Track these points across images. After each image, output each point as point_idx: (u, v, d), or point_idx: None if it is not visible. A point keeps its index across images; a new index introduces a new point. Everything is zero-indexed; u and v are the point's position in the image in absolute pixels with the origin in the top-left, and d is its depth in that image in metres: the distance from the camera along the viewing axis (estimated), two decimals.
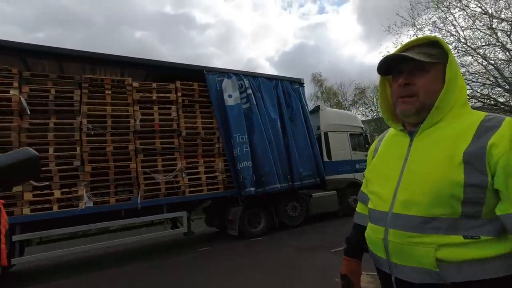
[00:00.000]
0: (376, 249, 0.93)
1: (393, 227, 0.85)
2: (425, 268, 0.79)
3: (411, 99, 0.86)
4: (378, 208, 0.92)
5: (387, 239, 0.86)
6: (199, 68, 6.95)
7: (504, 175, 0.73)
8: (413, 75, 0.86)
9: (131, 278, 4.75)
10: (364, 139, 9.45)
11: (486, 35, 8.87)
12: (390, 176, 0.90)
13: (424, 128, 0.86)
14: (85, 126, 5.40)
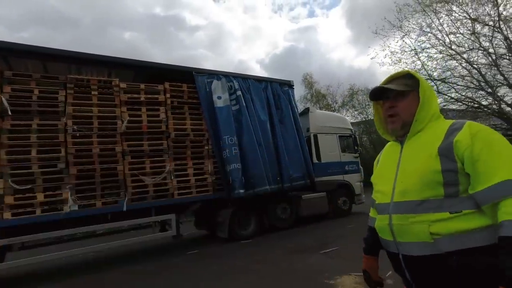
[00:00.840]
0: (384, 234, 1.16)
1: (395, 213, 1.08)
2: (423, 242, 0.99)
3: (395, 118, 1.17)
4: (382, 201, 1.17)
5: (392, 223, 1.09)
6: (188, 69, 6.90)
7: (471, 162, 0.97)
8: (395, 100, 1.17)
9: (118, 283, 4.64)
10: (353, 141, 9.56)
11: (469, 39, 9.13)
12: (388, 176, 1.16)
13: (410, 137, 1.15)
14: (70, 127, 5.26)
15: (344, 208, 8.80)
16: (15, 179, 4.76)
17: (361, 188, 9.33)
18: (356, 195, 9.15)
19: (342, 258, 4.76)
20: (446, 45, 9.38)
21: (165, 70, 6.74)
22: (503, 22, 8.38)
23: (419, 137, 1.12)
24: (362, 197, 9.36)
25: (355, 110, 23.79)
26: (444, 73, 9.90)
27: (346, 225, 7.45)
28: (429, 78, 9.96)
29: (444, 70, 9.87)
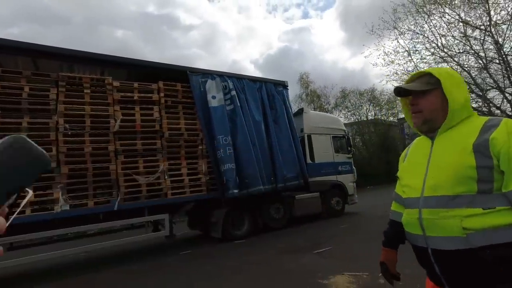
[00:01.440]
0: (412, 228, 1.15)
1: (426, 207, 1.09)
2: (455, 236, 1.00)
3: (418, 115, 1.18)
4: (411, 196, 1.17)
5: (422, 218, 1.09)
6: (182, 68, 6.86)
7: (507, 159, 0.97)
8: (417, 97, 1.18)
9: (110, 283, 4.59)
10: (347, 142, 9.63)
11: (461, 42, 9.29)
12: (418, 171, 1.16)
13: (441, 132, 1.15)
14: (62, 126, 5.18)
15: (337, 208, 8.86)
16: None
17: (354, 188, 9.41)
18: (349, 196, 9.23)
19: (335, 258, 4.79)
20: (438, 47, 9.53)
21: (159, 69, 6.69)
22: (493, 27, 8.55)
23: (451, 133, 1.13)
24: (355, 197, 9.44)
25: (348, 111, 24.01)
26: None
27: (339, 225, 7.50)
28: None
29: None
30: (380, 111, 23.50)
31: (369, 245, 5.38)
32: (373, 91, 23.27)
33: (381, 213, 8.65)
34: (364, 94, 23.54)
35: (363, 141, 23.32)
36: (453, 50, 9.40)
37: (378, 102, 23.15)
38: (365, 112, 23.73)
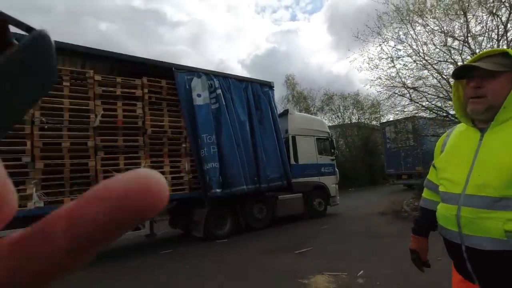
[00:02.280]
0: (448, 224, 1.11)
1: (466, 205, 1.04)
2: (495, 238, 0.96)
3: (480, 100, 1.04)
4: (450, 190, 1.11)
5: (460, 215, 1.05)
6: (168, 65, 6.74)
7: None
8: (483, 80, 1.04)
9: (88, 281, 4.43)
10: (330, 144, 9.77)
11: (441, 51, 9.62)
12: (462, 165, 1.08)
13: (494, 126, 1.03)
14: (38, 119, 4.97)
15: (319, 209, 8.96)
16: None
17: (336, 190, 9.56)
18: (332, 197, 9.36)
19: (316, 258, 4.84)
20: (420, 55, 9.83)
21: (143, 65, 6.54)
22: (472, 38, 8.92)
23: (506, 127, 1.00)
24: (337, 199, 9.59)
25: (332, 113, 24.39)
26: (417, 81, 10.36)
27: (321, 226, 7.59)
28: (403, 86, 10.38)
29: (416, 78, 10.32)
30: (363, 114, 24.06)
31: (349, 246, 5.48)
32: (357, 95, 23.81)
33: (361, 214, 8.84)
34: (347, 98, 24.04)
35: (347, 144, 23.74)
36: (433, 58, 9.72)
37: (362, 106, 23.70)
38: (349, 115, 24.23)
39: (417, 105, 10.55)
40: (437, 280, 3.13)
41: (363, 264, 4.23)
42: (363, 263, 4.26)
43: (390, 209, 8.99)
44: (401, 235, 5.81)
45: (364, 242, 5.64)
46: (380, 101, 12.28)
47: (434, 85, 9.88)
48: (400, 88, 10.55)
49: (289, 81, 24.23)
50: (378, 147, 22.21)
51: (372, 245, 5.38)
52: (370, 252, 4.93)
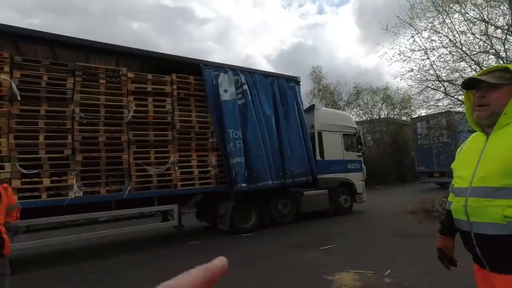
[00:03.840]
0: (458, 214, 1.27)
1: (472, 196, 1.20)
2: (496, 223, 1.11)
3: (484, 108, 1.24)
4: (460, 185, 1.29)
5: (467, 205, 1.21)
6: (196, 61, 6.90)
7: None
8: (487, 91, 1.23)
9: (120, 269, 4.74)
10: (357, 140, 9.53)
11: (481, 41, 8.97)
12: (470, 163, 1.26)
13: (496, 129, 1.22)
14: (78, 114, 5.31)
15: (345, 206, 8.82)
16: (22, 164, 4.84)
17: (363, 187, 9.34)
18: (358, 194, 9.17)
19: (341, 255, 4.80)
20: (457, 46, 9.24)
21: (172, 62, 6.76)
22: None
23: (506, 130, 1.19)
24: (364, 196, 9.37)
25: (360, 109, 23.63)
26: (452, 74, 9.75)
27: (347, 223, 7.48)
28: (437, 79, 9.83)
29: (452, 71, 9.72)
30: (393, 110, 23.09)
31: (376, 244, 5.36)
32: (386, 89, 22.86)
33: (389, 213, 8.58)
34: (377, 92, 23.14)
35: (374, 140, 22.99)
36: (472, 49, 9.09)
37: (392, 101, 22.74)
38: (378, 111, 23.36)
39: (452, 99, 9.97)
40: (468, 284, 3.00)
41: (390, 263, 4.14)
42: (390, 263, 4.17)
43: (420, 208, 8.64)
44: (432, 235, 5.56)
45: (391, 241, 5.50)
46: (411, 96, 11.70)
47: None
48: (433, 82, 10.01)
49: (315, 74, 23.68)
50: (408, 143, 21.28)
51: (400, 244, 5.23)
52: (398, 251, 4.80)
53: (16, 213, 2.62)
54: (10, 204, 2.47)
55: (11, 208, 2.50)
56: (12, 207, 2.52)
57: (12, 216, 2.54)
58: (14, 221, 2.58)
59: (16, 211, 2.62)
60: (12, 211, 2.53)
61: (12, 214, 2.54)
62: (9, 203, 2.46)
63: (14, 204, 2.57)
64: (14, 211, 2.58)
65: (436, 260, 1.54)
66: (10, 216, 2.49)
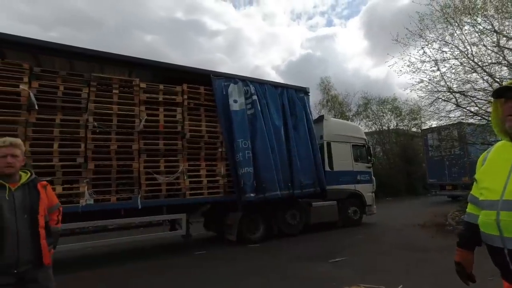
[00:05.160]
0: (489, 229, 1.19)
1: (504, 210, 1.13)
2: None
3: None
4: (489, 198, 1.21)
5: (499, 219, 1.13)
6: (206, 72, 7.02)
7: None
8: None
9: (127, 278, 4.74)
10: (367, 151, 9.45)
11: (493, 52, 8.87)
12: (499, 174, 1.19)
13: None
14: (91, 123, 5.45)
15: (354, 218, 8.68)
16: (36, 171, 4.93)
17: (372, 198, 9.19)
18: (368, 206, 9.02)
19: (351, 268, 4.70)
20: (468, 57, 9.16)
21: (183, 72, 6.90)
22: None
23: None
24: (374, 208, 9.22)
25: (369, 120, 23.47)
26: (464, 85, 9.64)
27: (356, 235, 7.35)
28: (448, 90, 9.73)
29: (464, 82, 9.61)
30: (402, 121, 22.86)
31: (386, 258, 5.24)
32: (394, 100, 22.69)
33: (400, 226, 8.40)
34: (385, 103, 22.98)
35: (384, 151, 22.72)
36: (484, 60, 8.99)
37: (400, 112, 22.54)
38: (387, 122, 23.15)
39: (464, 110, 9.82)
40: None
41: (402, 278, 4.03)
42: (401, 278, 4.06)
43: (432, 221, 8.43)
44: (444, 250, 5.43)
45: (402, 255, 5.37)
46: (421, 107, 11.58)
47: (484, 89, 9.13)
48: (444, 93, 9.90)
49: (323, 84, 23.73)
50: (419, 155, 20.94)
51: (411, 258, 5.10)
52: (409, 266, 4.67)
53: (57, 215, 2.21)
54: (50, 204, 2.10)
55: (51, 209, 2.13)
56: (52, 208, 2.14)
57: (52, 219, 2.14)
58: (55, 226, 2.17)
59: (57, 213, 2.21)
60: (52, 213, 2.15)
61: (52, 216, 2.15)
62: (50, 204, 2.09)
63: (55, 205, 2.17)
64: (55, 213, 2.18)
65: (449, 276, 1.48)
66: (50, 219, 2.11)
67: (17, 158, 1.89)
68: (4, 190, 1.83)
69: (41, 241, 1.89)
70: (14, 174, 1.89)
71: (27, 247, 1.82)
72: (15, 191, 1.86)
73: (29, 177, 1.97)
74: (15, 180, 1.90)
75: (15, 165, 1.87)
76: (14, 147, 1.90)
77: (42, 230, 1.91)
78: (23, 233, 1.81)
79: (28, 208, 1.86)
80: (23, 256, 1.80)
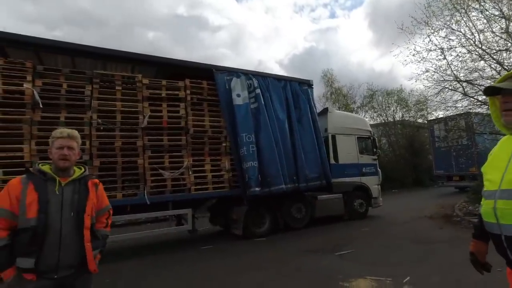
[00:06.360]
0: (488, 217, 1.28)
1: (501, 199, 1.20)
2: None
3: (510, 112, 1.24)
4: (489, 188, 1.29)
5: (496, 208, 1.22)
6: (208, 66, 6.97)
7: None
8: (510, 96, 1.24)
9: (134, 273, 4.79)
10: (372, 143, 9.36)
11: (501, 39, 8.65)
12: (499, 166, 1.27)
13: None
14: (95, 121, 5.46)
15: (360, 210, 8.64)
16: None
17: (378, 191, 9.13)
18: (374, 198, 8.97)
19: (357, 261, 4.69)
20: (475, 44, 8.95)
21: (186, 67, 6.86)
22: None
23: None
24: (380, 200, 9.16)
25: (374, 111, 23.23)
26: (471, 74, 9.44)
27: (362, 228, 7.32)
28: (455, 79, 9.55)
29: (471, 71, 9.41)
30: (408, 112, 22.58)
31: (393, 250, 5.22)
32: (401, 91, 22.39)
33: (407, 218, 8.34)
34: (391, 94, 22.69)
35: (390, 143, 22.51)
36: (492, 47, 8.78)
37: (406, 103, 22.25)
38: (392, 113, 22.88)
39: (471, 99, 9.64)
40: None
41: (410, 270, 4.00)
42: (409, 270, 4.03)
43: (439, 213, 8.37)
44: (453, 241, 5.38)
45: (409, 247, 5.33)
46: (428, 97, 11.40)
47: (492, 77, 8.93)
48: (451, 82, 9.72)
49: (326, 77, 23.47)
50: (425, 146, 20.73)
51: (419, 251, 5.06)
52: (417, 258, 4.64)
53: (107, 218, 1.97)
54: (100, 205, 1.88)
55: (101, 211, 1.91)
56: (102, 210, 1.92)
57: (101, 222, 1.92)
58: (103, 229, 1.93)
59: (107, 216, 1.96)
60: (102, 216, 1.92)
61: (101, 219, 1.92)
62: (99, 205, 1.87)
63: (105, 207, 1.94)
64: (104, 215, 1.94)
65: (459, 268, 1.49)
66: (99, 221, 1.89)
67: (73, 151, 1.75)
68: (54, 183, 1.67)
69: (85, 244, 1.68)
70: (68, 168, 1.74)
71: (71, 250, 1.63)
72: (65, 186, 1.71)
73: (82, 172, 1.82)
74: (68, 174, 1.75)
75: (70, 158, 1.73)
76: (71, 139, 1.76)
77: (87, 232, 1.70)
78: (67, 233, 1.63)
79: (75, 206, 1.69)
80: (64, 259, 1.61)
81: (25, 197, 1.60)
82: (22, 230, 1.57)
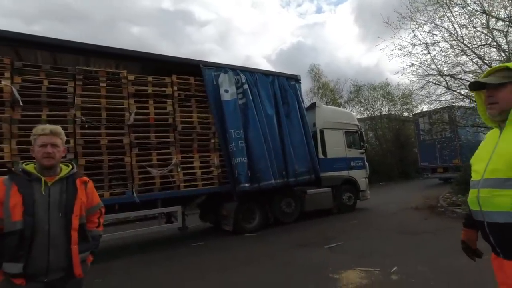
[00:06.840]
0: (473, 205, 1.35)
1: (483, 187, 1.28)
2: (505, 211, 1.18)
3: (494, 106, 1.31)
4: (474, 178, 1.37)
5: (479, 196, 1.29)
6: (196, 62, 6.88)
7: None
8: (495, 90, 1.31)
9: (125, 272, 4.73)
10: (360, 137, 9.49)
11: (482, 34, 8.90)
12: (484, 157, 1.33)
13: (508, 124, 1.28)
14: (79, 118, 5.31)
15: (348, 203, 8.79)
16: None
17: (366, 184, 9.30)
18: (361, 191, 9.13)
19: (346, 253, 4.77)
20: (458, 39, 9.16)
21: (172, 63, 6.74)
22: None
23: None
24: (367, 193, 9.34)
25: (361, 106, 23.54)
26: (454, 68, 9.68)
27: (351, 220, 7.45)
28: (438, 73, 9.77)
29: (454, 65, 9.65)
30: (394, 106, 22.99)
31: (381, 242, 5.34)
32: (387, 85, 22.76)
33: (393, 210, 8.54)
34: (377, 89, 23.04)
35: (377, 137, 22.92)
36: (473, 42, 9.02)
37: (392, 98, 22.65)
38: (379, 107, 23.26)
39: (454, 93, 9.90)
40: (481, 279, 2.97)
41: (397, 260, 4.11)
42: (396, 260, 4.14)
43: (424, 204, 8.60)
44: (438, 231, 5.55)
45: (397, 238, 5.47)
46: (413, 91, 11.64)
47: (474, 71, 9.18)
48: (435, 76, 9.95)
49: (313, 72, 23.59)
50: (411, 139, 21.22)
51: (406, 241, 5.20)
52: (404, 248, 4.77)
53: (98, 217, 1.89)
54: (90, 204, 1.80)
55: (91, 210, 1.83)
56: (93, 208, 1.84)
57: (92, 222, 1.84)
58: (95, 229, 1.86)
59: (98, 215, 1.89)
60: (92, 215, 1.84)
61: (92, 218, 1.84)
62: (89, 203, 1.80)
63: (96, 205, 1.86)
64: (95, 214, 1.87)
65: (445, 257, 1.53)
66: (90, 221, 1.81)
67: (57, 148, 1.68)
68: (39, 184, 1.60)
69: (71, 246, 1.61)
70: (54, 166, 1.67)
71: (60, 252, 1.58)
72: (52, 185, 1.63)
73: (70, 170, 1.75)
74: (54, 173, 1.68)
75: (55, 155, 1.65)
76: (54, 136, 1.69)
77: (74, 233, 1.63)
78: (55, 234, 1.57)
79: (63, 206, 1.62)
80: (54, 261, 1.55)
81: (9, 199, 1.53)
82: (8, 233, 1.51)
